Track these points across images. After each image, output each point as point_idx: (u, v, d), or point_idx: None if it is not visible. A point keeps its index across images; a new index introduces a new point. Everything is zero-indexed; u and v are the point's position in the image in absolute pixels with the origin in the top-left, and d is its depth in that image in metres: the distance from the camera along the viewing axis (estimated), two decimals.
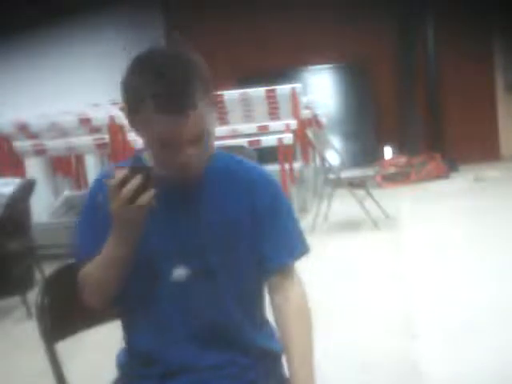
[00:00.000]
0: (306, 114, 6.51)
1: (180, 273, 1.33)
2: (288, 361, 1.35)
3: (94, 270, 1.32)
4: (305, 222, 5.73)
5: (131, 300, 1.37)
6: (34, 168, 5.81)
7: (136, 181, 1.21)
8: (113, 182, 1.22)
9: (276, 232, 1.38)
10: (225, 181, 1.37)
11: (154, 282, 1.34)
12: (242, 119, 6.07)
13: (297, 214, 1.47)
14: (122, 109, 1.34)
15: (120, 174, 1.22)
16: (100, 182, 1.35)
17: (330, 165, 5.99)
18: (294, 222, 1.42)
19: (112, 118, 4.97)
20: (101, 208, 1.29)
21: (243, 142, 5.83)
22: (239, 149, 5.39)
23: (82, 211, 1.39)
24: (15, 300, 3.93)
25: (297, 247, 1.41)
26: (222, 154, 1.41)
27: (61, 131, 5.53)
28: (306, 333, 1.37)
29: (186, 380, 1.34)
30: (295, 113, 6.00)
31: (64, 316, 1.42)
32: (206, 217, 1.35)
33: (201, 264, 1.34)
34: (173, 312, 1.34)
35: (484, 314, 3.22)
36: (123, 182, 1.22)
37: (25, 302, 3.83)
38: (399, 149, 9.47)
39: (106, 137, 5.18)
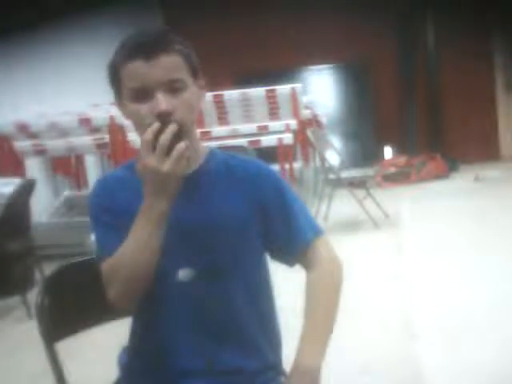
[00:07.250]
0: (305, 114, 6.50)
1: (185, 273, 1.31)
2: (302, 329, 1.33)
3: (126, 260, 1.24)
4: None
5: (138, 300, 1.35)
6: (34, 168, 5.81)
7: (172, 129, 1.14)
8: (147, 135, 1.14)
9: (288, 221, 1.37)
10: (226, 178, 1.36)
11: (159, 282, 1.31)
12: (242, 119, 6.06)
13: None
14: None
15: (152, 128, 1.14)
16: (103, 183, 1.36)
17: (330, 165, 5.99)
18: (302, 208, 1.42)
19: (112, 118, 4.96)
20: (111, 206, 1.30)
21: (243, 141, 5.84)
22: (239, 149, 5.40)
23: (92, 212, 1.33)
24: (15, 300, 3.92)
25: (309, 229, 1.39)
26: (218, 151, 1.41)
27: (61, 131, 5.52)
28: (324, 305, 1.38)
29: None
30: (295, 113, 5.99)
31: (64, 316, 1.42)
32: (210, 215, 1.32)
33: (206, 264, 1.32)
34: (179, 312, 1.32)
35: (483, 314, 3.22)
36: (157, 135, 1.14)
37: (25, 302, 3.82)
38: (399, 149, 9.48)
39: (106, 137, 5.17)
